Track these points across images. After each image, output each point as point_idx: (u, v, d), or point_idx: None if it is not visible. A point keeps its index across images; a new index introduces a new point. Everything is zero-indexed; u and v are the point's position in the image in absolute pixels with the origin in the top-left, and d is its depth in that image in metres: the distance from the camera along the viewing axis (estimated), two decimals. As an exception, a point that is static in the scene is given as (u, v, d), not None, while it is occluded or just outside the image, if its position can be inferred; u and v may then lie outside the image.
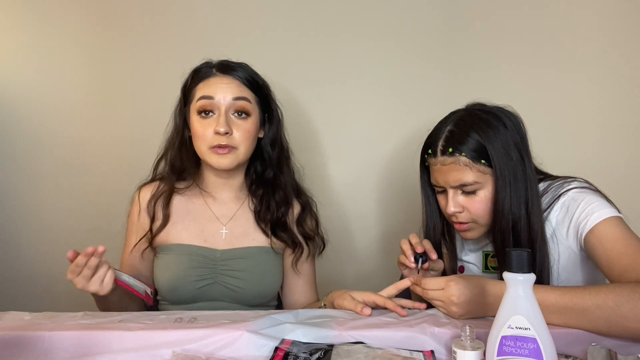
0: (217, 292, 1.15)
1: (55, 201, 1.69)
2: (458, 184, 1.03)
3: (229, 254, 1.18)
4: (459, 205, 1.04)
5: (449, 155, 1.02)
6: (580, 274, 1.06)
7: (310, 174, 1.35)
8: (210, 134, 1.12)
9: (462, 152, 1.01)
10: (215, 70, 1.17)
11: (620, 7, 1.61)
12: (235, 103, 1.13)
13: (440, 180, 1.05)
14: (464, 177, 1.01)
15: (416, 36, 1.65)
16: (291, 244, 1.22)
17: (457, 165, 1.02)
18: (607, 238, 0.95)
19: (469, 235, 1.09)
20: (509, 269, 0.69)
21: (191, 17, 1.66)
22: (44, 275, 1.70)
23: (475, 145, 1.01)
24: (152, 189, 1.22)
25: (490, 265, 1.16)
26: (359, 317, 0.94)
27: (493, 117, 1.04)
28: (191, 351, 0.80)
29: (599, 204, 0.99)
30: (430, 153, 1.06)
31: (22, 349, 0.81)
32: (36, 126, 1.68)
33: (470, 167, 1.01)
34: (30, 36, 1.67)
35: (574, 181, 1.07)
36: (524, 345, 0.67)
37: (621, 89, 1.62)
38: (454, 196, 1.04)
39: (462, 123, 1.04)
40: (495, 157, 1.01)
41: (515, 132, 1.04)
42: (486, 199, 1.03)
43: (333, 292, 1.08)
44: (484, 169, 1.02)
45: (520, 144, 1.04)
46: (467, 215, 1.05)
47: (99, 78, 1.68)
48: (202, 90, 1.15)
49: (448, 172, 1.03)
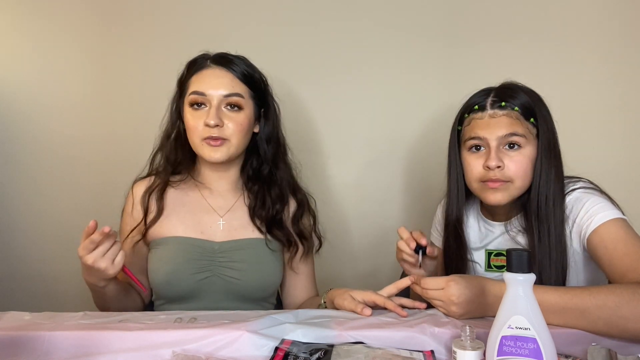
0: (215, 286, 1.13)
1: (56, 201, 1.69)
2: (507, 133, 1.03)
3: (227, 245, 1.16)
4: (500, 159, 1.04)
5: (500, 108, 1.05)
6: (583, 275, 1.06)
7: (310, 173, 1.35)
8: (202, 126, 1.12)
9: (515, 107, 1.05)
10: (210, 61, 1.17)
11: (621, 7, 1.61)
12: (226, 99, 1.14)
13: (486, 133, 1.05)
14: (515, 128, 1.04)
15: (418, 35, 1.65)
16: (286, 242, 1.21)
17: (508, 117, 1.04)
18: (610, 239, 0.96)
19: (498, 196, 1.06)
20: (509, 269, 0.69)
21: (191, 14, 1.66)
22: (44, 275, 1.70)
23: (526, 104, 1.06)
24: (147, 183, 1.22)
25: (493, 264, 1.16)
26: (359, 317, 0.94)
27: (533, 91, 1.10)
28: (191, 351, 0.80)
29: (603, 205, 1.00)
30: (476, 109, 1.08)
31: (22, 349, 0.81)
32: (36, 125, 1.68)
33: (520, 121, 1.04)
34: (30, 35, 1.67)
35: (579, 181, 1.07)
36: (524, 345, 0.67)
37: (622, 89, 1.62)
38: (497, 150, 1.04)
39: (511, 85, 1.10)
40: (541, 120, 1.05)
41: (550, 113, 1.09)
42: (528, 157, 1.05)
43: (333, 290, 1.07)
44: (531, 129, 1.05)
45: (553, 124, 1.09)
46: (506, 172, 1.04)
47: (99, 76, 1.68)
48: (195, 84, 1.15)
49: (497, 124, 1.04)
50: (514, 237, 1.12)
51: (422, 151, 1.65)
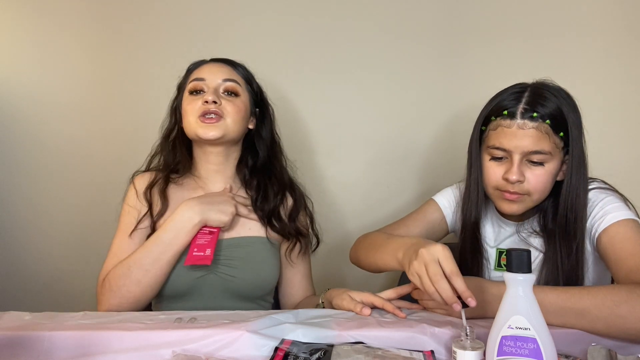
0: (213, 284, 1.13)
1: (56, 200, 1.69)
2: (531, 150, 0.98)
3: (224, 243, 1.17)
4: (522, 174, 1.00)
5: (531, 120, 0.98)
6: (591, 274, 1.06)
7: (307, 174, 1.36)
8: (199, 105, 1.14)
9: (547, 120, 0.97)
10: (210, 60, 1.24)
11: (622, 6, 1.61)
12: (224, 84, 1.18)
13: (510, 144, 0.99)
14: (541, 145, 0.98)
15: (415, 35, 1.65)
16: (286, 234, 1.22)
17: (537, 131, 0.97)
18: (619, 238, 0.96)
19: (514, 207, 1.03)
20: (509, 269, 0.69)
21: (188, 15, 1.66)
22: (44, 275, 1.70)
23: (558, 117, 0.98)
24: (149, 177, 1.23)
25: (503, 263, 1.15)
26: (359, 317, 0.94)
27: (569, 96, 1.03)
28: (191, 351, 0.80)
29: (616, 206, 1.00)
30: (505, 114, 1.00)
31: (22, 349, 0.81)
32: (36, 124, 1.68)
33: (549, 136, 0.98)
34: (30, 35, 1.67)
35: (594, 182, 1.07)
36: (524, 345, 0.67)
37: (622, 88, 1.62)
38: (520, 164, 1.00)
39: (545, 92, 1.01)
40: (573, 134, 0.99)
41: (580, 118, 1.03)
42: (549, 173, 1.00)
43: (331, 290, 1.07)
44: (558, 143, 1.00)
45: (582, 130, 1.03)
46: (525, 186, 1.01)
47: (99, 75, 1.68)
48: (194, 75, 1.20)
49: (524, 137, 0.98)
50: (526, 238, 1.10)
51: (421, 152, 1.65)
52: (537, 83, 1.06)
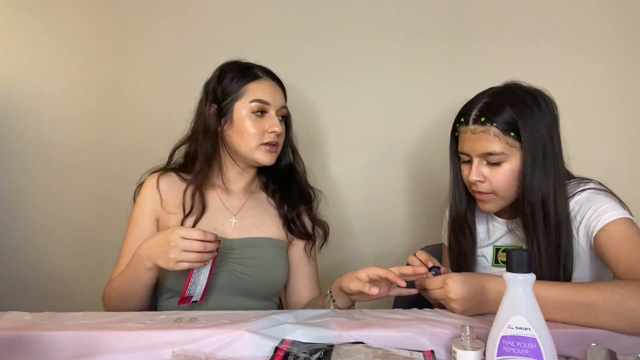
0: (225, 281, 1.16)
1: (56, 201, 1.69)
2: (484, 152, 1.04)
3: (238, 242, 1.20)
4: (481, 174, 1.06)
5: (480, 125, 1.04)
6: (588, 272, 1.08)
7: (312, 174, 1.36)
8: (264, 132, 1.18)
9: (494, 123, 1.03)
10: (262, 73, 1.23)
11: (622, 6, 1.61)
12: (282, 110, 1.24)
13: (468, 148, 1.07)
14: (492, 147, 1.03)
15: (420, 36, 1.65)
16: (305, 235, 1.27)
17: (486, 134, 1.03)
18: (618, 236, 0.97)
19: (487, 207, 1.10)
20: (509, 269, 0.69)
21: (192, 17, 1.66)
22: (44, 275, 1.70)
23: (507, 118, 1.03)
24: (175, 179, 1.23)
25: (500, 260, 1.17)
26: (359, 317, 0.94)
27: (530, 96, 1.06)
28: (191, 351, 0.80)
29: (611, 206, 1.01)
30: (462, 122, 1.08)
31: (22, 349, 0.81)
32: (36, 125, 1.68)
33: (499, 138, 1.03)
34: (31, 37, 1.67)
35: (590, 182, 1.09)
36: (524, 345, 0.67)
37: (623, 88, 1.62)
38: (478, 165, 1.06)
39: (498, 96, 1.07)
40: (524, 132, 1.03)
41: (548, 114, 1.06)
42: (509, 172, 1.04)
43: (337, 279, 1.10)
44: (512, 142, 1.03)
45: (552, 125, 1.06)
46: (488, 186, 1.06)
47: (99, 76, 1.68)
48: (256, 92, 1.20)
49: (476, 141, 1.05)
50: (517, 234, 1.13)
51: (425, 151, 1.65)
52: (497, 87, 1.11)
